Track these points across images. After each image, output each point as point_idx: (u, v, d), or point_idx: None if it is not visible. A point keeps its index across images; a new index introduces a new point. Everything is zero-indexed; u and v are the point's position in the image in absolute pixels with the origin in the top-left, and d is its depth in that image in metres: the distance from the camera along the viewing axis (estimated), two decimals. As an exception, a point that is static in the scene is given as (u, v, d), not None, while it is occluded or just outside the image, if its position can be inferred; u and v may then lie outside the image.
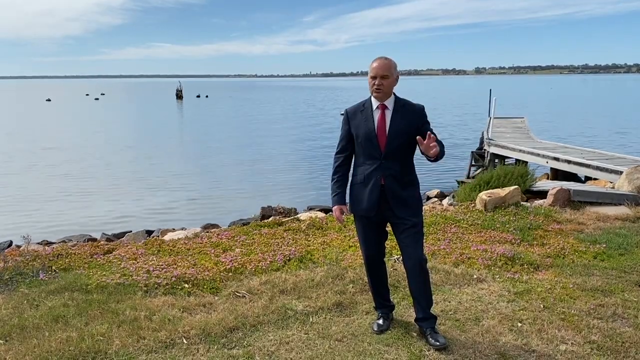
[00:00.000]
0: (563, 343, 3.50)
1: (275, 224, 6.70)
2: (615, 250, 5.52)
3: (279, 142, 26.15)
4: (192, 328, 3.66)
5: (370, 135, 3.35)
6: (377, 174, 3.36)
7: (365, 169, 3.41)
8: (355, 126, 3.43)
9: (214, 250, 5.50)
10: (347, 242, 5.67)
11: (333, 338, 3.56)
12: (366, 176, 3.40)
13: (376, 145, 3.34)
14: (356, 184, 3.48)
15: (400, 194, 3.37)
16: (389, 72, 3.31)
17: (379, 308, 3.79)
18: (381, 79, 3.30)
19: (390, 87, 3.34)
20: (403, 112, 3.37)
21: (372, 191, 3.37)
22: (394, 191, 3.36)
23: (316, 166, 18.81)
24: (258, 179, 16.46)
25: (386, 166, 3.34)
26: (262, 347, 3.45)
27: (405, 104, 3.42)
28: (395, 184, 3.36)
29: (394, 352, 3.37)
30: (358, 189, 3.46)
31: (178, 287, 4.46)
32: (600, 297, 4.28)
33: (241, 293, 4.34)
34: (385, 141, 3.33)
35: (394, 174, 3.35)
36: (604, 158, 11.67)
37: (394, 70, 3.35)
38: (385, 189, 3.36)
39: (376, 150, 3.35)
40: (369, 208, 3.41)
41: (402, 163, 3.39)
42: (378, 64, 3.32)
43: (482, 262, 5.06)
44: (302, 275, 4.68)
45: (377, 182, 3.36)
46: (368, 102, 3.44)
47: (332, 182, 3.56)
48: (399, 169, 3.37)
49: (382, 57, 3.38)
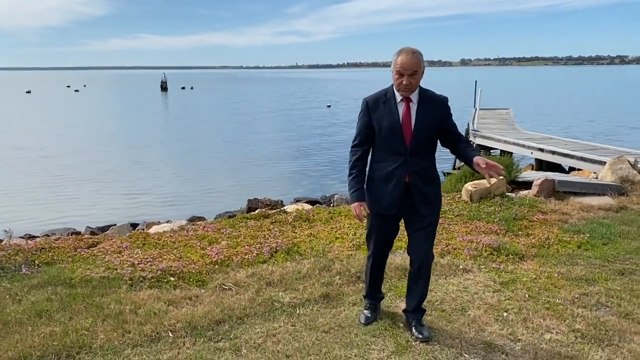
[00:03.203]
0: (548, 332, 3.54)
1: (261, 216, 6.67)
2: (599, 239, 5.58)
3: (265, 135, 26.03)
4: (178, 321, 3.64)
5: (395, 129, 3.12)
6: (401, 171, 3.15)
7: (387, 165, 3.19)
8: (378, 118, 3.17)
9: (199, 243, 5.46)
10: (333, 234, 5.67)
11: (320, 330, 3.56)
12: (389, 173, 3.18)
13: (401, 141, 3.12)
14: (376, 180, 3.26)
15: (424, 191, 3.20)
16: (418, 68, 3.03)
17: (368, 298, 3.73)
18: (409, 77, 3.03)
19: (418, 83, 3.10)
20: (428, 105, 3.14)
21: (394, 188, 3.17)
22: (419, 188, 3.19)
23: (303, 159, 18.77)
24: (244, 172, 16.38)
25: (411, 162, 3.14)
26: (249, 339, 3.44)
27: (429, 95, 3.19)
28: (420, 181, 3.18)
29: (380, 343, 3.38)
30: (378, 185, 3.25)
31: (164, 280, 4.42)
32: (584, 286, 4.32)
33: (227, 286, 4.32)
34: (410, 136, 3.11)
35: (418, 171, 3.17)
36: (588, 149, 11.78)
37: (422, 63, 3.06)
38: (410, 187, 3.17)
39: (401, 146, 3.13)
40: (389, 206, 3.23)
41: (426, 159, 3.21)
42: (406, 60, 3.02)
43: (468, 252, 5.09)
44: (288, 267, 4.67)
45: (401, 180, 3.16)
46: (390, 93, 3.17)
47: (350, 177, 3.29)
48: (423, 165, 3.18)
49: (409, 51, 3.05)
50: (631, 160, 8.44)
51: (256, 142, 22.97)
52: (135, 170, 16.47)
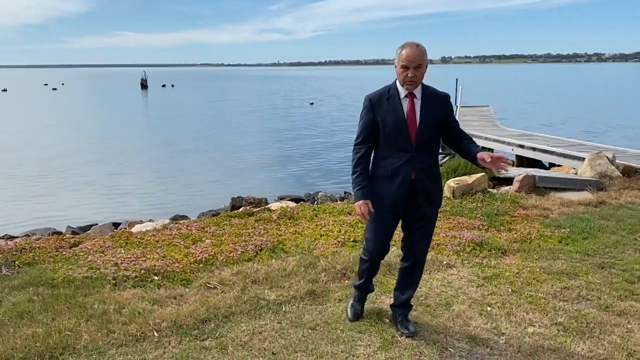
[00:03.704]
0: (531, 325, 3.59)
1: (245, 214, 6.65)
2: (579, 234, 5.68)
3: (247, 133, 25.92)
4: (163, 320, 3.61)
5: (400, 126, 3.09)
6: (407, 168, 3.11)
7: (392, 162, 3.14)
8: (382, 115, 3.13)
9: (183, 241, 5.42)
10: (318, 231, 5.67)
11: (306, 326, 3.57)
12: (394, 170, 3.14)
13: (407, 137, 3.09)
14: (379, 177, 3.21)
15: (428, 188, 3.18)
16: (422, 61, 3.03)
17: (359, 290, 3.66)
18: (415, 70, 3.01)
19: (422, 77, 3.08)
20: (432, 101, 3.14)
21: (400, 186, 3.13)
22: (425, 185, 3.16)
23: (285, 157, 18.73)
24: (227, 170, 16.30)
25: (417, 159, 3.11)
26: (235, 337, 3.43)
27: (432, 92, 3.18)
28: (425, 177, 3.15)
29: (366, 339, 3.40)
30: (382, 183, 3.20)
31: (147, 279, 4.38)
32: (565, 280, 4.40)
33: (212, 284, 4.30)
34: (416, 132, 3.09)
35: (424, 168, 3.14)
36: (567, 145, 11.97)
37: (426, 57, 3.07)
38: (415, 184, 3.14)
39: (407, 142, 3.10)
40: (393, 204, 3.19)
41: (431, 155, 3.21)
42: (411, 53, 3.01)
43: (451, 248, 5.14)
44: (274, 265, 4.67)
45: (407, 177, 3.12)
46: (394, 89, 3.16)
47: (355, 175, 3.23)
48: (428, 161, 3.17)
49: (414, 44, 3.04)
50: (609, 156, 8.60)
51: (238, 141, 22.88)
52: (116, 169, 16.28)
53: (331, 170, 15.92)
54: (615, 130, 24.39)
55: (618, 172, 8.30)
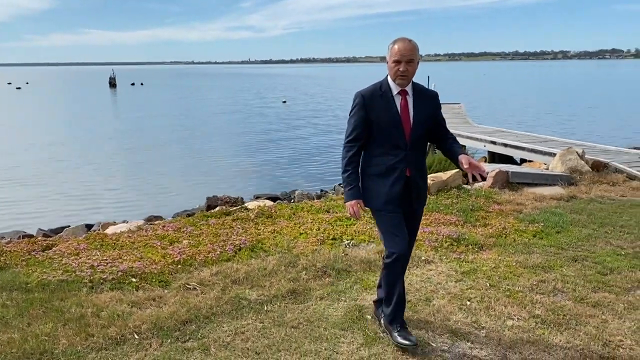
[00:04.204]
0: (510, 319, 3.65)
1: (222, 214, 6.60)
2: (552, 228, 5.80)
3: (219, 131, 25.72)
4: (143, 323, 3.56)
5: (396, 123, 3.06)
6: (402, 165, 3.08)
7: (388, 159, 3.10)
8: (375, 112, 3.09)
9: (160, 242, 5.35)
10: (297, 230, 5.66)
11: (289, 325, 3.56)
12: (389, 167, 3.10)
13: (401, 134, 3.06)
14: (372, 175, 3.17)
15: (420, 185, 3.20)
16: (414, 56, 3.02)
17: (397, 318, 3.28)
18: (406, 64, 3.00)
19: (414, 72, 3.06)
20: (421, 99, 3.14)
21: (395, 184, 3.09)
22: (417, 183, 3.17)
23: (260, 155, 18.66)
24: (200, 169, 16.14)
25: (410, 156, 3.09)
26: (217, 338, 3.40)
27: (421, 89, 3.19)
28: (418, 175, 3.17)
29: (349, 336, 3.41)
30: (375, 181, 3.16)
31: (125, 281, 4.31)
32: (541, 274, 4.49)
33: (192, 285, 4.25)
34: (410, 129, 3.07)
35: (417, 165, 3.15)
36: (538, 141, 12.21)
37: (418, 53, 3.06)
38: (410, 181, 3.12)
39: (401, 140, 3.07)
40: (389, 202, 3.12)
41: (421, 152, 3.22)
42: (402, 47, 3.00)
43: (429, 244, 5.20)
44: (254, 264, 4.64)
45: (402, 174, 3.09)
46: (386, 86, 3.13)
47: (346, 175, 3.15)
48: (419, 158, 3.18)
49: (405, 39, 3.04)
50: (579, 152, 8.81)
51: (211, 139, 22.69)
52: (85, 170, 15.97)
53: (307, 169, 15.92)
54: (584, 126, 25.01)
55: (588, 167, 8.51)
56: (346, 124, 3.26)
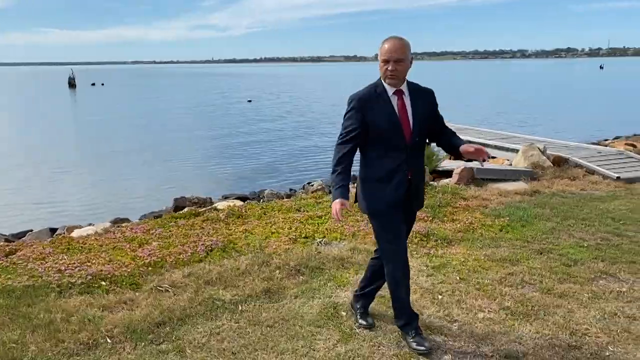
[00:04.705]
0: (481, 311, 3.74)
1: (191, 215, 6.53)
2: (518, 222, 5.96)
3: (183, 132, 25.35)
4: (116, 326, 3.50)
5: (395, 125, 2.97)
6: (404, 168, 3.01)
7: (388, 162, 3.02)
8: (373, 115, 2.99)
9: (129, 245, 5.26)
10: (269, 229, 5.65)
11: (264, 324, 3.56)
12: (390, 170, 3.01)
13: (401, 136, 2.98)
14: (373, 178, 3.08)
15: (420, 188, 3.18)
16: (404, 55, 2.94)
17: (412, 322, 3.24)
18: (395, 64, 2.93)
19: (405, 71, 2.99)
20: (418, 98, 3.07)
21: (398, 187, 3.02)
22: (418, 185, 3.12)
23: (226, 155, 18.48)
24: (165, 170, 15.88)
25: (411, 157, 3.02)
26: (193, 339, 3.38)
27: (417, 88, 3.12)
28: (419, 177, 3.12)
29: (325, 333, 3.43)
30: (376, 186, 3.08)
31: (95, 285, 4.23)
32: (508, 267, 4.61)
33: (164, 287, 4.20)
34: (410, 131, 2.99)
35: (417, 166, 3.09)
36: (500, 137, 12.50)
37: (409, 51, 2.98)
38: (411, 184, 3.06)
39: (401, 142, 2.98)
40: (391, 206, 3.05)
41: (421, 153, 3.17)
42: (391, 46, 2.94)
43: (400, 240, 5.26)
44: (226, 264, 4.62)
45: (404, 177, 3.02)
46: (381, 88, 3.03)
47: (335, 174, 3.02)
48: (419, 160, 3.13)
49: (395, 38, 2.98)
50: (541, 147, 9.07)
51: (175, 140, 22.35)
52: (45, 173, 15.48)
53: (275, 168, 15.85)
54: (544, 122, 25.71)
55: (549, 162, 8.77)
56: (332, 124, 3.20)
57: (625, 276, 4.37)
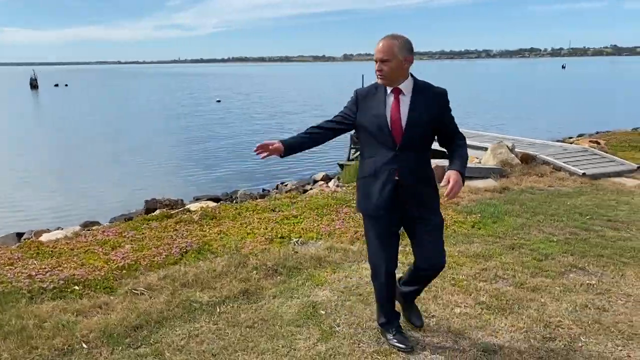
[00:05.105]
0: (457, 306, 3.80)
1: (164, 217, 6.44)
2: (489, 218, 6.07)
3: (152, 133, 24.99)
4: (91, 331, 3.43)
5: (381, 124, 2.89)
6: (390, 167, 2.90)
7: (376, 160, 2.95)
8: (364, 110, 2.97)
9: (101, 248, 5.16)
10: (244, 230, 5.62)
11: (243, 325, 3.54)
12: (377, 169, 2.94)
13: (388, 136, 2.89)
14: (364, 176, 3.04)
15: (416, 191, 2.96)
16: (390, 56, 2.84)
17: (391, 321, 3.29)
18: (381, 64, 2.87)
19: (393, 71, 2.87)
20: (422, 98, 2.92)
21: (384, 185, 2.92)
22: (410, 187, 2.94)
23: (196, 156, 18.31)
24: (135, 172, 15.65)
25: (402, 158, 2.89)
26: (171, 342, 3.33)
27: (425, 87, 2.97)
28: (412, 178, 2.93)
29: (305, 332, 3.43)
30: (367, 182, 3.02)
31: (67, 290, 4.13)
32: (482, 262, 4.69)
33: (139, 290, 4.13)
34: (400, 131, 2.87)
35: (410, 167, 2.92)
36: (470, 136, 12.70)
37: (399, 51, 2.85)
38: (400, 185, 2.92)
39: (389, 141, 2.90)
40: (379, 205, 2.97)
41: (419, 155, 2.97)
42: (378, 46, 2.88)
43: (375, 238, 5.30)
44: (202, 266, 4.57)
45: (390, 176, 2.91)
46: (381, 85, 2.97)
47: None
48: (415, 161, 2.94)
49: (385, 37, 2.91)
50: (509, 145, 9.26)
51: (143, 141, 22.01)
52: (7, 177, 15.07)
53: (246, 168, 15.78)
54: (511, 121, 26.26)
55: (517, 159, 8.96)
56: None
57: (594, 269, 4.51)
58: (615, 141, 12.78)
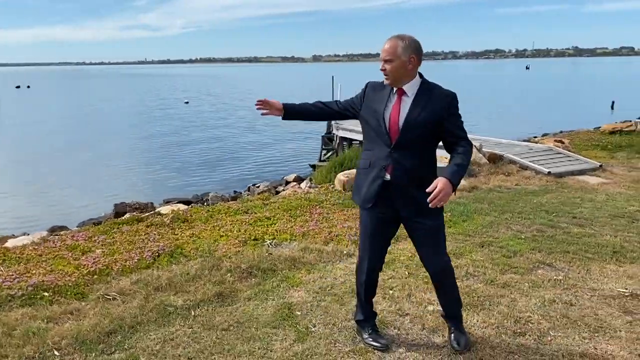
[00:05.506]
0: (430, 304, 3.86)
1: (134, 220, 6.35)
2: (459, 217, 6.19)
3: (119, 136, 24.56)
4: (63, 338, 3.37)
5: (378, 119, 2.91)
6: (383, 162, 2.90)
7: (372, 154, 2.99)
8: (368, 105, 3.01)
9: (71, 253, 5.06)
10: (217, 233, 5.59)
11: (219, 328, 3.53)
12: (372, 162, 2.97)
13: (384, 134, 2.89)
14: (360, 169, 3.08)
15: (407, 191, 2.91)
16: (394, 56, 2.84)
17: (368, 319, 3.35)
18: (385, 63, 2.88)
19: (396, 71, 2.86)
20: (426, 100, 2.88)
21: (374, 180, 2.95)
22: (400, 186, 2.91)
23: (165, 159, 18.07)
24: (102, 176, 15.36)
25: (396, 156, 2.88)
26: (146, 347, 3.30)
27: (432, 89, 2.93)
28: (404, 178, 2.89)
29: (281, 334, 3.44)
30: (361, 174, 3.06)
31: (37, 296, 4.04)
32: (453, 260, 4.69)
33: (112, 295, 4.07)
34: (397, 131, 2.86)
35: (404, 167, 2.88)
36: (438, 136, 12.89)
37: (403, 51, 2.84)
38: (391, 183, 2.91)
39: (386, 138, 2.90)
40: (366, 198, 3.00)
41: (417, 156, 2.91)
42: (385, 46, 2.89)
43: (349, 238, 5.35)
44: (175, 270, 4.53)
45: (381, 172, 2.91)
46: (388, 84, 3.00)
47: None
48: (412, 162, 2.89)
49: (392, 37, 2.91)
50: (477, 145, 9.43)
51: (111, 145, 21.61)
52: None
53: (216, 171, 15.67)
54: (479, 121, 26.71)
55: (485, 159, 9.15)
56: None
57: (560, 265, 4.65)
58: (579, 140, 13.16)
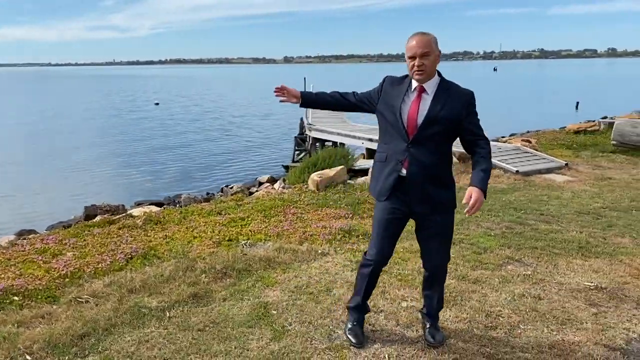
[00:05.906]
0: (404, 300, 3.93)
1: (106, 223, 6.27)
2: (431, 215, 6.28)
3: (87, 138, 24.10)
4: (35, 342, 3.31)
5: (396, 115, 2.91)
6: (400, 157, 2.91)
7: (389, 147, 2.98)
8: (385, 99, 3.00)
9: (41, 256, 4.97)
10: (190, 234, 5.56)
11: (194, 329, 3.52)
12: (389, 156, 2.97)
13: (402, 129, 2.89)
14: (376, 162, 3.09)
15: (425, 190, 2.93)
16: (430, 48, 2.81)
17: (356, 312, 3.39)
18: (421, 58, 2.81)
19: (433, 66, 2.85)
20: (445, 98, 2.87)
21: (389, 174, 2.96)
22: (416, 182, 2.91)
23: (135, 161, 17.82)
24: (71, 179, 15.06)
25: (413, 152, 2.88)
26: (121, 349, 3.27)
27: (450, 87, 2.92)
28: (420, 174, 2.90)
29: (258, 333, 3.46)
30: (377, 167, 3.07)
31: (6, 301, 3.96)
32: (426, 257, 4.85)
33: (84, 298, 4.02)
34: (414, 127, 2.86)
35: (421, 163, 2.88)
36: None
37: (435, 45, 2.84)
38: (407, 178, 2.91)
39: (403, 133, 2.90)
40: (381, 191, 3.02)
41: (434, 153, 2.90)
42: (417, 41, 2.83)
43: (323, 237, 5.39)
44: (149, 271, 4.49)
45: (397, 166, 2.93)
46: (409, 79, 2.97)
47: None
48: (429, 158, 2.89)
49: (420, 33, 2.87)
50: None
51: (79, 147, 21.20)
52: None
53: (187, 172, 15.53)
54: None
55: (455, 158, 9.31)
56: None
57: (529, 260, 4.78)
58: (545, 140, 13.48)
